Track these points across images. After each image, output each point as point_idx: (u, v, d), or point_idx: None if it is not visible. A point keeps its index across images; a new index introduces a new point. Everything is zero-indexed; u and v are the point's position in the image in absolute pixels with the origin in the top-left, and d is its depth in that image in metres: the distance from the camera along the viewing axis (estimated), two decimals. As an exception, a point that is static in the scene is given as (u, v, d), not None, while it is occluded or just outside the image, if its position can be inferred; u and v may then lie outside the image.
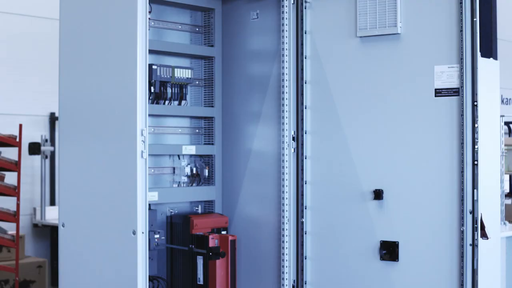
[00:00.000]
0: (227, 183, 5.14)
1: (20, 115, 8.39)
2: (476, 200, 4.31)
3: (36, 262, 8.24)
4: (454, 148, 4.37)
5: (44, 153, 8.69)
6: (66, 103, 4.59)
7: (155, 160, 4.95)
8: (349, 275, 4.70)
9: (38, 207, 8.78)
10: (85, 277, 4.45)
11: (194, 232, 4.84)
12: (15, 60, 8.58)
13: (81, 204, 4.48)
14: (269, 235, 4.96)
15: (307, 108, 4.87)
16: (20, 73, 8.63)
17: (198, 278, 4.82)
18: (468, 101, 4.34)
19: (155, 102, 4.88)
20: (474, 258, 4.31)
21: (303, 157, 4.87)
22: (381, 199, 4.58)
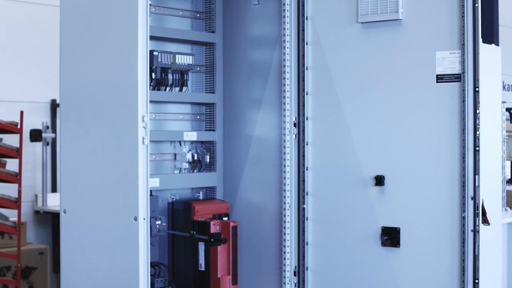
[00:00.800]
0: (228, 169, 5.15)
1: (21, 102, 8.38)
2: (478, 186, 4.31)
3: (37, 249, 8.25)
4: (455, 134, 4.37)
5: (45, 140, 8.69)
6: (67, 90, 4.58)
7: (156, 146, 4.95)
8: (351, 261, 4.71)
9: (39, 194, 8.79)
10: (86, 263, 4.46)
11: (195, 218, 4.84)
12: (15, 47, 8.57)
13: (83, 190, 4.48)
14: (271, 221, 4.96)
15: (308, 94, 4.87)
16: (21, 60, 8.62)
17: (200, 264, 4.83)
18: (469, 87, 4.33)
19: (156, 88, 4.88)
20: (475, 244, 4.31)
21: (304, 143, 4.87)
22: (383, 185, 4.59)
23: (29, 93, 8.71)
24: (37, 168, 8.83)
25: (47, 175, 8.80)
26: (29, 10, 8.66)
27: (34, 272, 8.19)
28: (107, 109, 4.36)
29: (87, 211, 4.46)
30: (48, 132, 8.73)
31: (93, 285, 4.43)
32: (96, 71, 4.41)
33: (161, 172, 4.98)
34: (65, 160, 4.58)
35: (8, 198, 6.39)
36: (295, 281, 4.89)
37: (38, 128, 8.61)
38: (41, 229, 8.91)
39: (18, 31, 8.58)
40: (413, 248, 4.50)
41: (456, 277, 4.37)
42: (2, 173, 6.33)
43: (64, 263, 4.58)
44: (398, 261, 4.55)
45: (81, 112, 4.50)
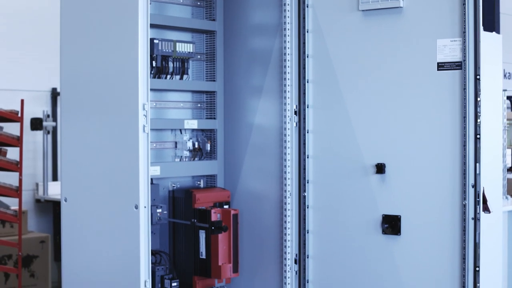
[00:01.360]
0: (229, 158, 5.15)
1: (22, 91, 8.38)
2: (478, 174, 4.31)
3: (39, 237, 8.26)
4: (456, 122, 4.37)
5: (46, 128, 8.69)
6: (67, 78, 4.58)
7: (157, 134, 4.94)
8: (351, 249, 4.72)
9: (40, 182, 8.80)
10: (87, 252, 4.47)
11: (196, 207, 4.85)
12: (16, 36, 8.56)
13: (84, 178, 4.48)
14: (271, 209, 4.97)
15: (309, 82, 4.87)
16: (21, 49, 8.61)
17: (201, 252, 4.83)
18: (470, 75, 4.33)
19: (157, 76, 4.87)
20: (476, 232, 4.32)
21: (305, 131, 4.87)
22: (383, 173, 4.59)
23: (30, 81, 8.70)
24: (38, 157, 8.83)
25: (48, 164, 8.81)
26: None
27: (35, 260, 8.21)
28: (107, 98, 4.35)
29: (88, 200, 4.46)
30: (48, 120, 8.73)
31: (94, 273, 4.44)
32: (97, 60, 4.41)
33: (162, 160, 4.98)
34: (66, 149, 4.58)
35: (9, 186, 6.40)
36: (296, 269, 4.90)
37: (39, 116, 8.61)
38: (42, 217, 8.92)
39: (18, 19, 8.57)
40: (414, 236, 4.51)
41: (457, 265, 4.38)
42: (3, 162, 6.33)
43: (65, 252, 4.59)
44: (398, 249, 4.56)
45: (82, 100, 4.50)
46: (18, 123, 6.45)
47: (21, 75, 8.65)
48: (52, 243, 8.56)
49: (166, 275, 4.67)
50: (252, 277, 5.08)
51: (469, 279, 4.33)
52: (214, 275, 4.82)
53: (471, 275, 4.33)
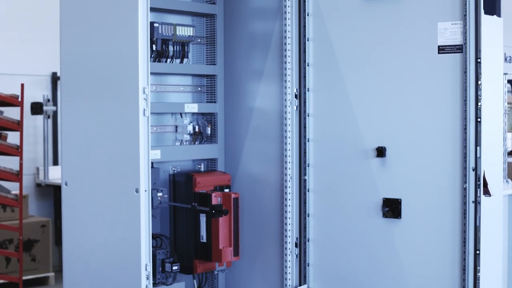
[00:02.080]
0: (229, 141, 5.15)
1: (22, 75, 8.37)
2: (479, 157, 4.31)
3: (39, 222, 8.27)
4: (457, 105, 4.37)
5: (46, 113, 8.69)
6: (67, 63, 4.57)
7: (157, 118, 4.94)
8: (352, 232, 4.72)
9: (41, 166, 8.80)
10: (88, 236, 4.47)
11: (197, 190, 4.85)
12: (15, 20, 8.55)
13: (84, 162, 4.48)
14: (272, 193, 4.97)
15: (309, 66, 4.86)
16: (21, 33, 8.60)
17: (201, 235, 4.84)
18: (471, 58, 4.32)
19: (157, 60, 4.86)
20: (477, 215, 4.32)
21: (305, 115, 4.87)
22: (384, 157, 4.59)
23: (30, 66, 8.70)
24: (39, 141, 8.84)
25: (48, 148, 8.81)
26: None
27: (36, 244, 8.22)
28: (108, 81, 4.34)
29: (89, 183, 4.46)
30: (49, 105, 8.73)
31: (95, 257, 4.45)
32: (97, 43, 4.40)
33: (162, 144, 4.98)
34: (66, 133, 4.58)
35: (9, 171, 6.40)
36: (296, 252, 4.91)
37: (39, 101, 8.60)
38: (43, 202, 8.93)
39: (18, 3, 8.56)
40: (414, 219, 4.51)
41: (457, 248, 4.38)
42: (3, 146, 6.34)
43: (65, 236, 4.59)
44: (399, 232, 4.56)
45: (82, 84, 4.49)
46: (18, 107, 6.45)
47: (21, 59, 8.64)
48: (53, 227, 8.57)
49: (167, 258, 4.68)
50: (252, 260, 5.09)
51: (470, 262, 4.33)
52: (214, 258, 4.82)
53: (472, 258, 4.33)
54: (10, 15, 8.50)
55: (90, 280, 4.47)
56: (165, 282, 4.70)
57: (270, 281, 5.01)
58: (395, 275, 4.57)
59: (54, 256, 8.52)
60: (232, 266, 5.13)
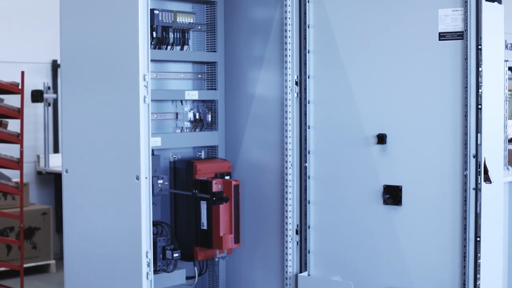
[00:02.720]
0: (230, 128, 5.14)
1: (22, 63, 8.35)
2: (480, 144, 4.31)
3: (40, 209, 8.28)
4: (458, 92, 4.36)
5: (47, 100, 8.68)
6: (68, 50, 4.56)
7: (158, 105, 4.94)
8: (353, 220, 4.72)
9: (41, 154, 8.80)
10: (89, 223, 4.47)
11: (197, 177, 4.85)
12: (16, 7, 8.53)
13: (84, 150, 4.48)
14: (273, 180, 4.97)
15: (310, 53, 4.85)
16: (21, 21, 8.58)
17: (202, 223, 4.84)
18: (472, 45, 4.31)
19: (157, 47, 4.86)
20: (477, 202, 4.32)
21: (306, 102, 4.86)
22: (384, 144, 4.58)
23: (30, 54, 8.68)
24: (39, 129, 8.83)
25: (49, 136, 8.81)
26: (29, -30, 8.61)
27: (37, 232, 8.23)
28: (108, 69, 4.34)
29: (89, 171, 4.46)
30: (49, 92, 8.72)
31: (96, 244, 4.45)
32: (97, 31, 4.39)
33: (163, 131, 4.98)
34: (66, 120, 4.58)
35: (10, 158, 6.40)
36: (297, 240, 4.91)
37: (40, 89, 8.59)
38: (44, 189, 8.93)
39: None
40: (415, 206, 4.51)
41: (458, 235, 4.38)
42: (4, 134, 6.33)
43: (66, 223, 4.59)
44: (399, 219, 4.56)
45: (82, 72, 4.49)
46: (18, 95, 6.44)
47: (22, 47, 8.63)
48: (54, 215, 8.58)
49: (168, 246, 4.68)
50: (253, 247, 5.09)
51: (470, 249, 4.34)
52: (215, 245, 4.83)
53: (472, 245, 4.34)
54: (10, 3, 8.48)
55: (91, 267, 4.48)
56: (166, 269, 4.71)
57: (270, 268, 5.02)
58: (395, 262, 4.57)
59: (55, 243, 8.53)
60: (233, 253, 5.13)
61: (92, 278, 4.47)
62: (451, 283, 4.40)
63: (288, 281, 4.91)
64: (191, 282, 5.04)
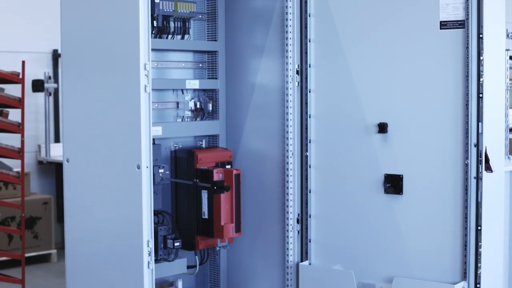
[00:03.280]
0: (231, 118, 5.14)
1: (23, 53, 8.36)
2: (481, 133, 4.30)
3: (41, 199, 8.30)
4: (459, 81, 4.35)
5: (47, 90, 8.69)
6: (68, 40, 4.55)
7: (159, 94, 4.93)
8: (354, 208, 4.73)
9: (42, 144, 8.81)
10: (90, 212, 4.48)
11: (198, 167, 4.85)
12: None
13: (85, 139, 4.48)
14: (274, 169, 4.97)
15: (311, 42, 4.84)
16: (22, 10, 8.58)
17: (203, 212, 4.84)
18: (473, 33, 4.31)
19: (158, 36, 4.85)
20: (478, 191, 4.32)
21: (307, 91, 4.86)
22: (385, 133, 4.58)
23: (31, 43, 8.68)
24: (40, 119, 8.84)
25: (49, 126, 8.82)
26: (29, -41, 8.60)
27: (38, 222, 8.25)
28: (108, 58, 4.34)
29: (90, 160, 4.46)
30: (50, 82, 8.72)
31: (97, 233, 4.46)
32: (97, 20, 4.38)
33: (164, 120, 4.97)
34: (67, 110, 4.57)
35: (11, 148, 6.40)
36: (298, 229, 4.92)
37: (40, 78, 8.60)
38: (45, 179, 8.95)
39: (19, -20, 8.53)
40: (416, 195, 4.51)
41: (459, 224, 4.38)
42: (5, 123, 6.33)
43: (67, 212, 4.59)
44: (400, 208, 4.56)
45: (83, 61, 4.48)
46: (19, 84, 6.44)
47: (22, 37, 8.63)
48: (55, 205, 8.59)
49: (169, 235, 4.69)
50: (254, 236, 5.10)
51: (471, 238, 4.34)
52: (216, 235, 4.83)
53: (473, 234, 4.34)
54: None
55: (92, 256, 4.48)
56: (167, 258, 4.72)
57: (271, 257, 5.03)
58: (396, 251, 4.58)
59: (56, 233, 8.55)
60: (234, 243, 5.14)
61: (93, 268, 4.48)
62: (452, 272, 4.40)
63: (289, 270, 4.92)
64: (192, 271, 5.05)
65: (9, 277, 6.57)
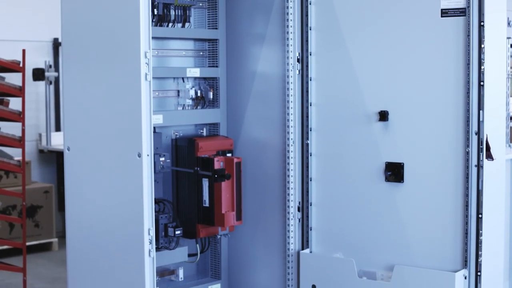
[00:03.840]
0: (231, 106, 5.14)
1: (23, 41, 8.35)
2: (482, 121, 4.30)
3: (42, 188, 8.30)
4: (460, 69, 4.35)
5: (48, 79, 8.68)
6: (69, 28, 4.55)
7: (159, 83, 4.93)
8: (354, 197, 4.73)
9: (43, 133, 8.82)
10: (91, 201, 4.48)
11: (199, 155, 4.85)
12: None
13: (86, 128, 4.48)
14: (274, 157, 4.97)
15: (312, 30, 4.83)
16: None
17: (204, 200, 4.85)
18: (474, 21, 4.29)
19: (158, 24, 4.84)
20: (479, 179, 4.32)
21: (308, 79, 4.85)
22: (386, 121, 4.58)
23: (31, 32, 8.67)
24: (41, 107, 8.84)
25: (50, 114, 8.82)
26: None
27: (39, 210, 8.26)
28: (109, 46, 4.33)
29: (91, 148, 4.46)
30: (51, 71, 8.72)
31: (98, 222, 4.46)
32: (98, 8, 4.37)
33: (164, 108, 4.97)
34: (68, 98, 4.57)
35: (12, 137, 6.40)
36: (299, 217, 4.92)
37: (41, 67, 8.59)
38: (46, 168, 8.96)
39: (19, -31, 8.52)
40: (417, 183, 4.51)
41: (460, 212, 4.38)
42: (6, 112, 6.33)
43: (68, 201, 4.60)
44: (401, 196, 4.56)
45: (83, 50, 4.48)
46: (20, 73, 6.44)
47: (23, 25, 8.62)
48: (56, 193, 8.60)
49: (170, 223, 4.69)
50: (255, 225, 5.10)
51: (472, 226, 4.34)
52: (217, 223, 4.84)
53: (474, 222, 4.34)
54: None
55: (93, 245, 4.49)
56: (168, 246, 4.72)
57: (272, 245, 5.03)
58: (397, 239, 4.58)
59: (57, 222, 8.56)
60: (235, 231, 5.15)
61: (94, 256, 4.48)
62: (453, 259, 4.41)
63: (290, 258, 4.92)
64: (193, 259, 5.06)
65: (10, 265, 6.58)
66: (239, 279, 5.22)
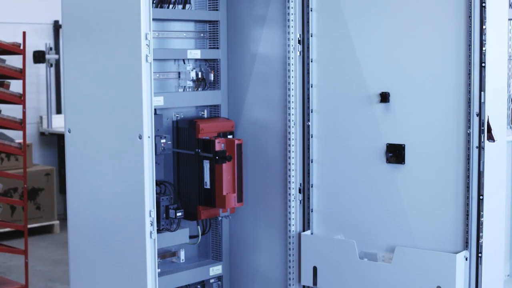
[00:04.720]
0: (232, 87, 5.13)
1: (23, 24, 8.33)
2: (483, 102, 4.29)
3: (44, 170, 8.31)
4: (461, 50, 4.33)
5: (49, 61, 8.67)
6: (69, 10, 4.53)
7: (160, 64, 4.92)
8: (356, 178, 4.73)
9: (44, 115, 8.81)
10: (92, 183, 4.48)
11: (200, 137, 4.85)
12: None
13: (87, 109, 4.48)
14: (276, 139, 4.97)
15: (313, 11, 4.82)
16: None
17: (205, 182, 4.85)
18: (476, 2, 4.28)
19: (159, 6, 4.83)
20: (480, 161, 4.32)
21: (309, 60, 4.84)
22: (388, 102, 4.57)
23: (32, 14, 8.66)
24: (41, 90, 8.84)
25: (51, 97, 8.81)
26: None
27: (40, 193, 8.27)
28: (110, 28, 4.32)
29: (92, 131, 4.46)
30: (51, 53, 8.71)
31: (99, 204, 4.47)
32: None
33: (165, 90, 4.97)
34: (68, 81, 4.56)
35: (12, 119, 6.40)
36: (300, 198, 4.92)
37: (41, 49, 8.58)
38: (47, 150, 8.96)
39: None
40: (418, 165, 4.51)
41: (461, 193, 4.38)
42: (6, 94, 6.32)
43: (69, 183, 4.60)
44: (402, 178, 4.56)
45: (84, 32, 4.47)
46: (20, 55, 6.42)
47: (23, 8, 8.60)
48: (57, 176, 8.61)
49: (171, 205, 4.70)
50: (256, 206, 5.11)
51: (473, 207, 4.34)
52: (218, 204, 4.84)
53: (475, 203, 4.34)
54: (10, -37, 8.45)
55: (94, 227, 4.49)
56: (169, 228, 4.73)
57: (274, 227, 5.04)
58: (398, 221, 4.58)
59: (58, 204, 8.58)
60: (236, 212, 5.15)
61: (95, 238, 4.49)
62: (454, 241, 4.41)
63: (291, 240, 4.93)
64: (195, 241, 5.06)
65: (12, 248, 6.59)
66: (240, 260, 5.23)
